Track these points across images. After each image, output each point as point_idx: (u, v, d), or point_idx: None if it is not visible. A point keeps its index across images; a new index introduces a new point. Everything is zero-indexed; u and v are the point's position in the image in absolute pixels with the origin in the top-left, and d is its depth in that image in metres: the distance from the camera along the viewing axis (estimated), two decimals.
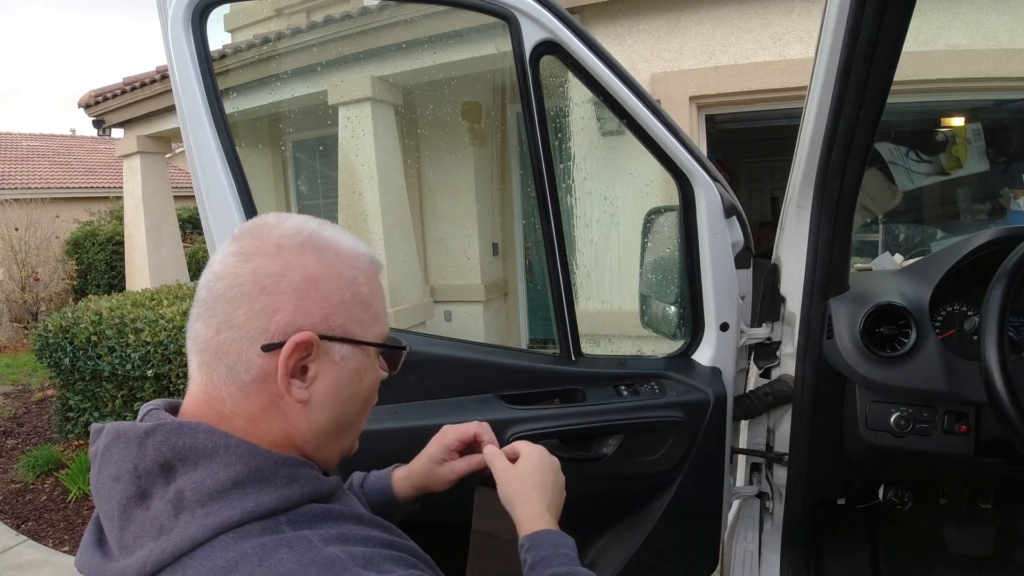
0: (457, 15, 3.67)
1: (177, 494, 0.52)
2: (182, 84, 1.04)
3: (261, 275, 0.56)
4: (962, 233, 3.08)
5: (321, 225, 0.62)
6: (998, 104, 3.79)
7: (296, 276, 0.57)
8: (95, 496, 0.57)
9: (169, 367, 3.30)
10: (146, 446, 0.54)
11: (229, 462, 0.54)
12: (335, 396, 0.60)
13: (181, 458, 0.53)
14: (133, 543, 0.52)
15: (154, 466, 0.53)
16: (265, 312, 0.56)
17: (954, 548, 1.38)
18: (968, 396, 1.05)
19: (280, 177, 6.15)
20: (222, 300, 0.56)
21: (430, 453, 0.88)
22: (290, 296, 0.56)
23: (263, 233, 0.59)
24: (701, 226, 1.24)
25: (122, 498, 0.53)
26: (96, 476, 0.56)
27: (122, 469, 0.54)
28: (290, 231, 0.59)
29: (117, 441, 0.55)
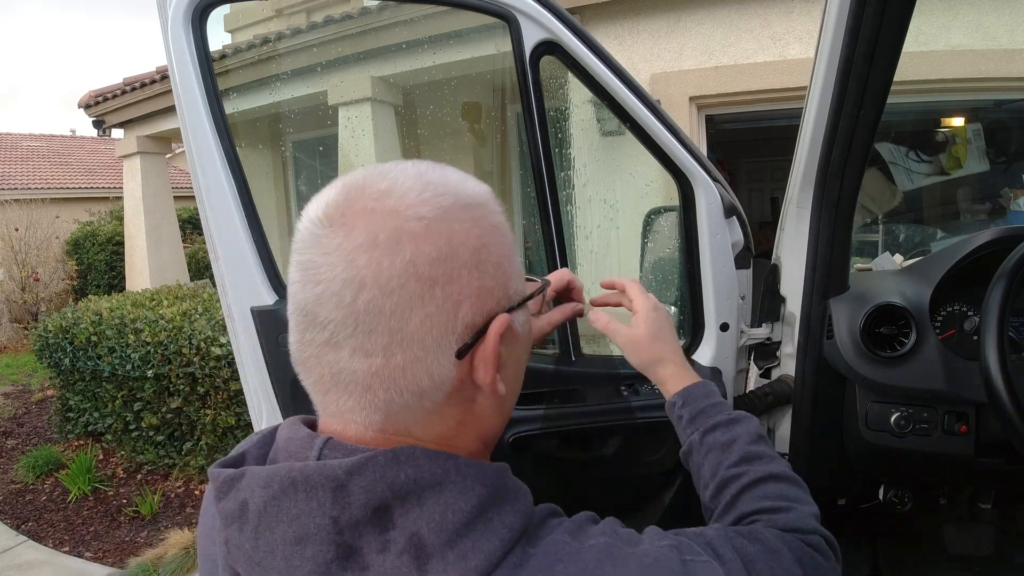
0: (457, 15, 3.67)
1: (411, 540, 0.40)
2: (182, 84, 1.04)
3: (423, 264, 0.41)
4: (962, 233, 3.08)
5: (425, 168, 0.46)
6: (998, 104, 3.78)
7: (465, 251, 0.43)
8: (251, 568, 0.43)
9: (169, 367, 3.30)
10: (349, 491, 0.41)
11: (465, 487, 0.43)
12: (519, 368, 0.52)
13: (401, 496, 0.41)
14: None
15: (364, 514, 0.41)
16: (446, 309, 0.43)
17: (954, 548, 1.38)
18: (968, 396, 1.05)
19: (280, 177, 6.15)
20: (380, 314, 0.41)
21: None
22: (468, 278, 0.43)
23: (382, 204, 0.42)
24: (701, 226, 1.24)
25: (316, 564, 0.41)
26: (253, 542, 0.42)
27: (309, 527, 0.41)
28: (416, 191, 0.43)
29: (293, 491, 0.42)
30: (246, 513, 0.43)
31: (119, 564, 2.92)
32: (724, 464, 0.67)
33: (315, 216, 0.44)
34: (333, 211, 0.43)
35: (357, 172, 0.46)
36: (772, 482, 0.64)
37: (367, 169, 0.46)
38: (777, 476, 0.65)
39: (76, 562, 2.96)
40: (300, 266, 0.43)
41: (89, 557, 2.99)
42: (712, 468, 0.68)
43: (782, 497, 0.62)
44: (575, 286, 0.84)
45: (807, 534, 0.58)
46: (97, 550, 3.05)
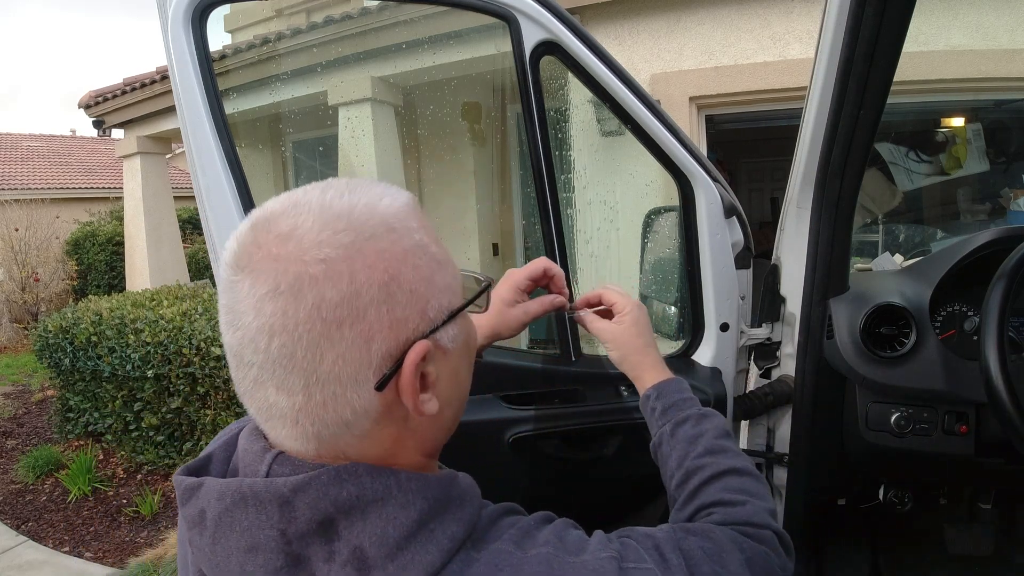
0: (457, 16, 3.67)
1: (355, 553, 0.43)
2: (182, 84, 1.04)
3: (326, 308, 0.42)
4: (962, 233, 3.08)
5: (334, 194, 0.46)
6: (998, 104, 3.78)
7: (370, 288, 0.43)
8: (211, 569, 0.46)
9: (169, 367, 3.30)
10: (295, 506, 0.43)
11: (406, 501, 0.45)
12: (456, 380, 0.52)
13: (345, 511, 0.44)
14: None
15: (310, 527, 0.43)
16: (357, 346, 0.43)
17: (954, 548, 1.38)
18: (968, 396, 1.05)
19: (280, 177, 6.15)
20: (293, 358, 0.42)
21: (500, 295, 0.82)
22: (377, 313, 0.43)
23: (286, 250, 0.43)
24: (701, 226, 1.24)
25: (267, 571, 0.43)
26: (211, 547, 0.45)
27: (260, 538, 0.43)
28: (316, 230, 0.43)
29: (243, 505, 0.44)
30: (204, 520, 0.46)
31: (119, 564, 2.92)
32: (690, 455, 0.71)
33: (227, 260, 0.46)
34: (241, 255, 0.45)
35: (267, 205, 0.47)
36: (734, 476, 0.67)
37: (277, 201, 0.46)
38: (739, 470, 0.68)
39: (76, 562, 2.96)
40: (223, 309, 0.46)
41: (89, 557, 2.99)
42: (679, 459, 0.72)
43: (741, 491, 0.65)
44: (553, 274, 0.85)
45: (760, 528, 0.60)
46: (97, 550, 3.05)
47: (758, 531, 0.60)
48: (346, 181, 0.47)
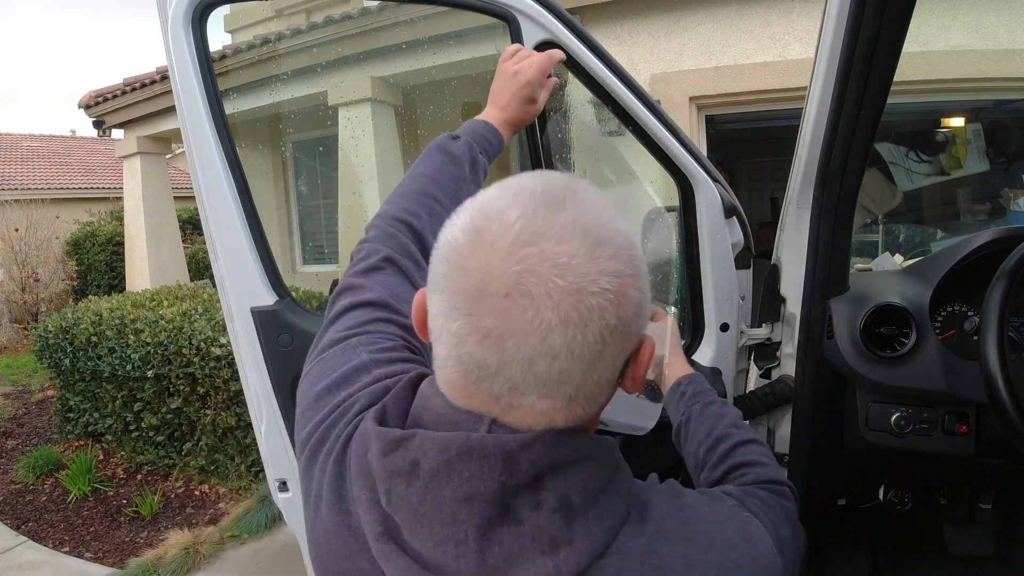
0: (457, 16, 3.67)
1: (561, 501, 0.48)
2: (182, 85, 1.04)
3: (607, 333, 0.46)
4: (962, 233, 3.07)
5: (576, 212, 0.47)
6: (998, 104, 3.78)
7: (633, 305, 0.48)
8: (414, 519, 0.49)
9: (169, 368, 3.30)
10: (518, 461, 0.47)
11: (602, 461, 0.51)
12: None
13: (558, 466, 0.49)
14: (506, 563, 0.47)
15: (526, 480, 0.48)
16: (618, 356, 0.49)
17: (954, 548, 1.38)
18: (968, 396, 1.05)
19: (280, 178, 6.15)
20: (568, 377, 0.46)
21: (524, 95, 0.97)
22: (635, 325, 0.49)
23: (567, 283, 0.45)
24: (701, 226, 1.24)
25: (480, 520, 0.47)
26: (420, 495, 0.48)
27: (478, 489, 0.47)
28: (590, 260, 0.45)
29: (466, 459, 0.48)
30: (417, 470, 0.49)
31: (119, 564, 2.92)
32: (719, 427, 0.84)
33: (482, 281, 0.45)
34: (507, 280, 0.45)
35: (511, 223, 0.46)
36: (755, 444, 0.82)
37: (517, 217, 0.46)
38: (758, 441, 0.83)
39: (76, 562, 2.96)
40: (477, 329, 0.46)
41: (89, 557, 2.99)
42: (708, 429, 0.85)
43: (762, 455, 0.79)
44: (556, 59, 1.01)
45: (781, 485, 0.73)
46: (97, 550, 3.05)
47: (780, 487, 0.71)
48: (564, 186, 0.49)
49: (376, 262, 0.74)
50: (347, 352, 0.65)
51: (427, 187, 0.85)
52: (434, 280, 0.49)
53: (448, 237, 0.49)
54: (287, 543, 2.92)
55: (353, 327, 0.68)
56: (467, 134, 0.95)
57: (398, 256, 0.76)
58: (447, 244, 0.49)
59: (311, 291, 4.24)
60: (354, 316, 0.69)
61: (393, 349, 0.66)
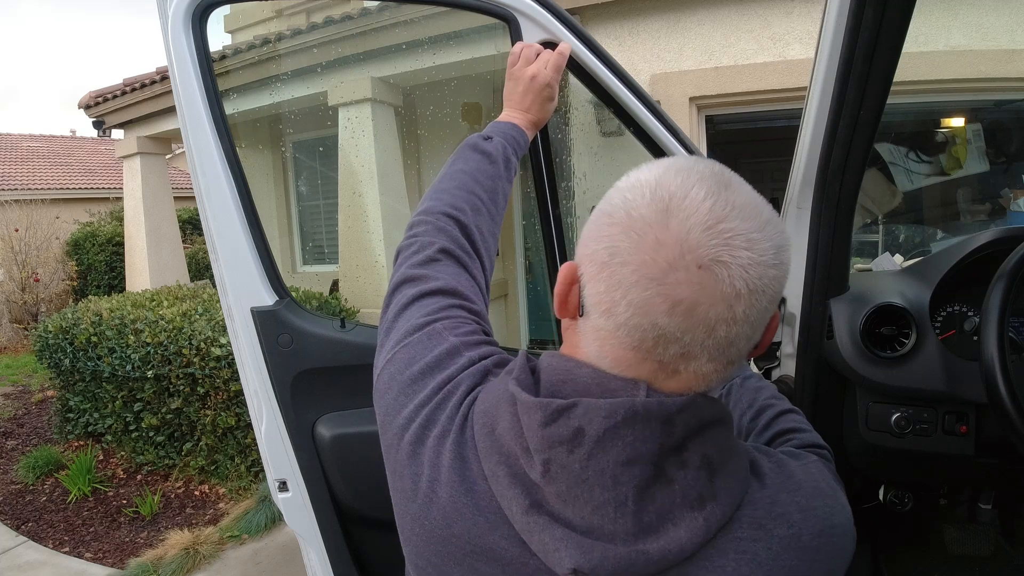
0: (457, 16, 3.68)
1: (704, 460, 0.52)
2: (182, 85, 1.04)
3: (770, 303, 0.52)
4: (962, 234, 3.08)
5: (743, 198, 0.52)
6: (998, 104, 3.78)
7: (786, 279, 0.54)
8: (574, 484, 0.51)
9: (169, 368, 3.30)
10: (675, 423, 0.51)
11: (729, 423, 0.56)
12: None
13: (701, 427, 0.53)
14: (659, 521, 0.50)
15: (678, 441, 0.52)
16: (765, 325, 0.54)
17: (954, 548, 1.38)
18: (968, 397, 1.05)
19: (280, 178, 6.15)
20: (733, 343, 0.52)
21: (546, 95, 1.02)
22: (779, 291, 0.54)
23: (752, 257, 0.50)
24: None
25: (640, 481, 0.50)
26: (584, 462, 0.51)
27: (641, 451, 0.50)
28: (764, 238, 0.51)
29: (633, 422, 0.51)
30: (580, 438, 0.51)
31: (119, 565, 2.92)
32: (760, 398, 0.87)
33: (678, 253, 0.49)
34: (704, 252, 0.49)
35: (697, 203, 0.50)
36: (794, 413, 0.84)
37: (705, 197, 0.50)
38: (796, 411, 0.85)
39: (76, 563, 2.96)
40: (668, 298, 0.49)
41: (89, 558, 2.99)
42: (750, 400, 0.87)
43: (803, 423, 0.82)
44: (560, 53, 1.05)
45: (822, 448, 0.75)
46: (97, 551, 3.05)
47: (821, 451, 0.74)
48: (722, 170, 0.54)
49: (433, 253, 0.76)
50: (433, 337, 0.67)
51: (468, 184, 0.88)
52: (612, 253, 0.51)
53: (631, 212, 0.52)
54: (287, 543, 2.92)
55: (431, 313, 0.70)
56: (498, 134, 0.97)
57: (453, 248, 0.78)
58: (630, 219, 0.51)
59: (311, 291, 4.24)
60: (427, 304, 0.71)
61: (474, 332, 0.69)
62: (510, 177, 0.95)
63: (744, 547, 0.51)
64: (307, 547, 1.26)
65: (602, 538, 0.50)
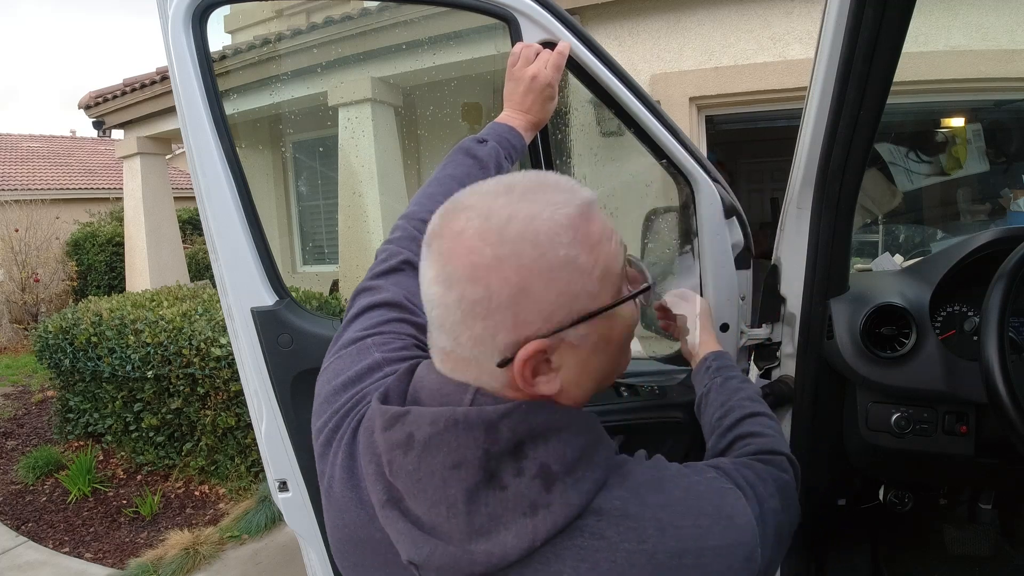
0: (457, 16, 3.67)
1: (540, 469, 0.53)
2: (182, 85, 1.04)
3: (468, 304, 0.53)
4: (962, 234, 3.07)
5: (505, 201, 0.54)
6: (998, 104, 3.79)
7: (502, 295, 0.52)
8: (409, 485, 0.55)
9: (169, 368, 3.30)
10: (499, 430, 0.53)
11: (580, 430, 0.56)
12: (586, 368, 0.59)
13: (535, 436, 0.54)
14: (490, 524, 0.52)
15: (507, 448, 0.53)
16: (486, 336, 0.53)
17: (954, 549, 1.38)
18: (968, 397, 1.05)
19: (280, 178, 6.16)
20: (444, 325, 0.55)
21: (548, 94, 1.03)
22: (503, 315, 0.53)
23: (455, 247, 0.53)
24: (701, 227, 1.24)
25: (467, 485, 0.52)
26: (416, 464, 0.54)
27: (465, 456, 0.53)
28: (477, 237, 0.53)
29: (453, 429, 0.53)
30: (412, 442, 0.55)
31: (119, 565, 2.92)
32: (733, 399, 0.89)
33: (426, 233, 0.58)
34: (431, 235, 0.57)
35: (463, 193, 0.58)
36: (762, 416, 0.86)
37: (473, 192, 0.57)
38: (765, 414, 0.87)
39: (76, 563, 2.96)
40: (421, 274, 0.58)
41: (89, 558, 2.99)
42: (724, 400, 0.90)
43: (767, 427, 0.83)
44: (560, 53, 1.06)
45: (778, 455, 0.77)
46: (97, 551, 3.05)
47: (777, 458, 0.76)
48: (528, 184, 0.56)
49: (396, 264, 0.81)
50: (362, 352, 0.71)
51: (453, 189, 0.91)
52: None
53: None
54: (287, 543, 2.92)
55: (369, 327, 0.74)
56: (493, 138, 0.99)
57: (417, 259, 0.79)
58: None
59: (311, 291, 4.24)
60: (371, 316, 0.75)
61: (404, 348, 0.72)
62: None
63: (585, 555, 0.51)
64: (307, 547, 1.26)
65: (439, 535, 0.53)
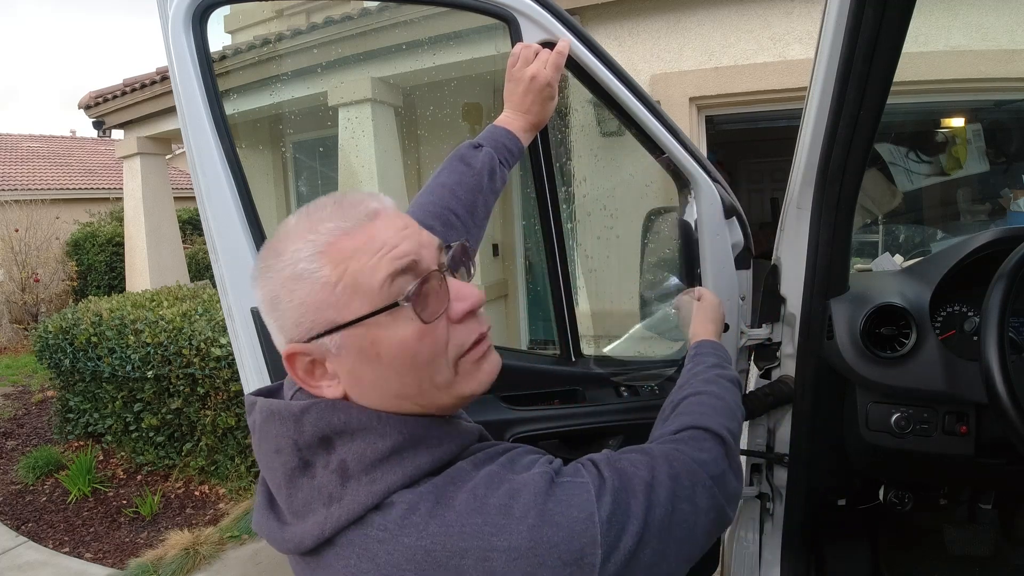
0: (457, 16, 3.67)
1: (340, 465, 0.57)
2: (182, 85, 1.04)
3: (259, 303, 0.62)
4: (962, 234, 3.07)
5: (292, 216, 0.63)
6: (998, 105, 3.78)
7: (265, 300, 0.61)
8: (260, 464, 0.62)
9: (169, 368, 3.30)
10: (303, 423, 0.58)
11: (384, 432, 0.58)
12: (361, 377, 0.60)
13: (338, 432, 0.58)
14: (303, 509, 0.58)
15: (313, 440, 0.58)
16: (274, 338, 0.63)
17: (954, 549, 1.38)
18: (968, 397, 1.04)
19: (280, 178, 6.15)
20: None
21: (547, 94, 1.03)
22: (269, 318, 0.62)
23: (262, 254, 0.63)
24: (701, 227, 1.24)
25: (286, 469, 0.58)
26: (257, 447, 0.62)
27: (282, 443, 0.59)
28: (264, 247, 0.63)
29: (272, 418, 0.60)
30: (254, 428, 0.63)
31: (119, 565, 2.92)
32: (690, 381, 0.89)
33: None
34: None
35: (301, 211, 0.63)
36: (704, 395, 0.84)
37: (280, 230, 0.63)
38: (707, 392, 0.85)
39: (76, 563, 2.96)
40: None
41: (89, 558, 2.99)
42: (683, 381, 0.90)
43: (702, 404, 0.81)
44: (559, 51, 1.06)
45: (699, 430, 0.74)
46: (97, 551, 3.05)
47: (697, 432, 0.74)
48: (319, 201, 0.62)
49: None
50: None
51: (445, 199, 0.94)
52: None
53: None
54: None
55: None
56: (489, 143, 0.99)
57: None
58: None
59: None
60: None
61: None
62: (495, 189, 0.98)
63: (369, 547, 0.54)
64: None
65: (278, 512, 0.60)
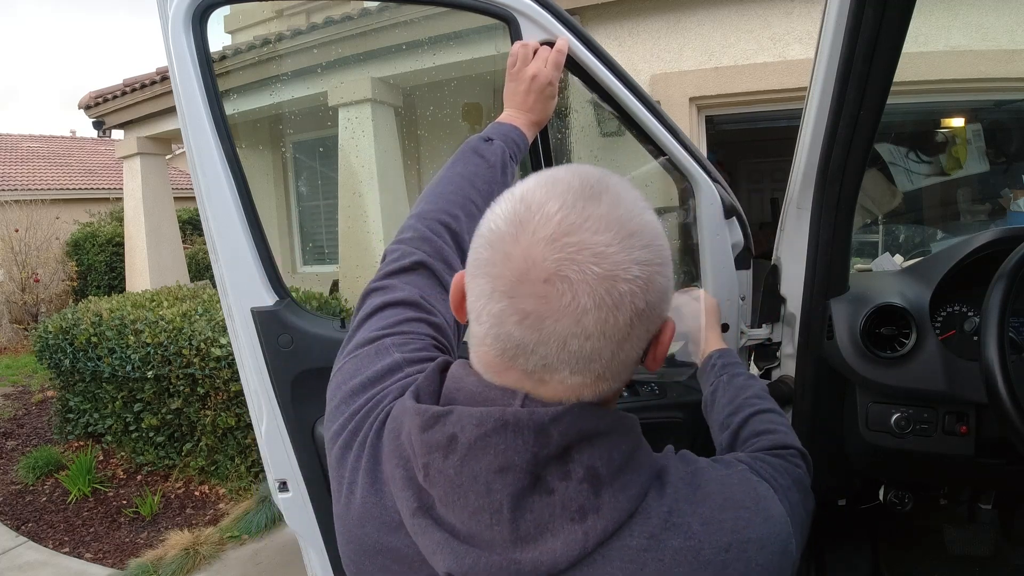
0: (457, 16, 3.67)
1: (589, 473, 0.51)
2: (182, 85, 1.04)
3: (637, 316, 0.51)
4: (962, 234, 3.07)
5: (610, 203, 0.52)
6: (998, 105, 3.78)
7: (660, 291, 0.53)
8: (453, 486, 0.52)
9: (169, 368, 3.30)
10: (550, 433, 0.51)
11: (624, 434, 0.55)
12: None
13: (580, 440, 0.52)
14: (538, 530, 0.50)
15: (556, 451, 0.51)
16: (643, 337, 0.53)
17: (954, 549, 1.38)
18: (968, 397, 1.05)
19: (280, 178, 6.16)
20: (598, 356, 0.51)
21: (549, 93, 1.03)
22: (660, 308, 0.53)
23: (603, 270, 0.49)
24: (701, 227, 1.24)
25: (514, 490, 0.51)
26: (457, 467, 0.52)
27: (513, 460, 0.51)
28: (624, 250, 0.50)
29: (503, 431, 0.51)
30: (454, 444, 0.52)
31: (119, 565, 2.92)
32: (741, 396, 0.91)
33: (524, 267, 0.49)
34: (548, 267, 0.49)
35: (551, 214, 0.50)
36: (772, 413, 0.88)
37: (557, 210, 0.50)
38: (774, 410, 0.89)
39: (76, 563, 2.96)
40: (518, 311, 0.50)
41: (89, 558, 2.99)
42: (731, 398, 0.92)
43: (778, 423, 0.85)
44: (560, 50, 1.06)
45: (790, 449, 0.78)
46: (97, 551, 3.05)
47: (789, 451, 0.77)
48: (598, 180, 0.53)
49: (408, 264, 0.78)
50: (380, 352, 0.68)
51: (465, 188, 0.90)
52: (476, 265, 0.53)
53: (491, 225, 0.52)
54: (287, 543, 2.92)
55: (386, 327, 0.71)
56: (499, 137, 0.99)
57: (431, 260, 0.79)
58: (491, 232, 0.52)
59: (311, 292, 4.24)
60: (386, 316, 0.73)
61: (423, 348, 0.70)
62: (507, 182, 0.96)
63: (633, 556, 0.50)
64: (307, 547, 1.26)
65: (479, 545, 0.51)
